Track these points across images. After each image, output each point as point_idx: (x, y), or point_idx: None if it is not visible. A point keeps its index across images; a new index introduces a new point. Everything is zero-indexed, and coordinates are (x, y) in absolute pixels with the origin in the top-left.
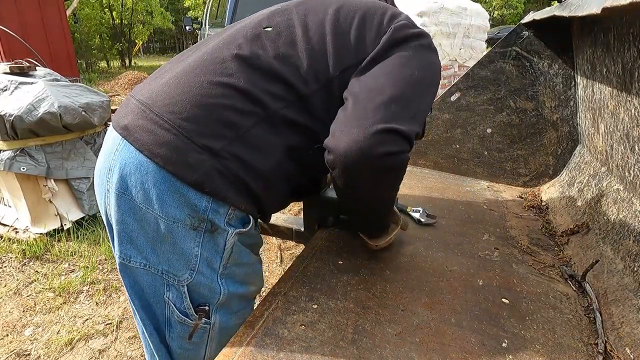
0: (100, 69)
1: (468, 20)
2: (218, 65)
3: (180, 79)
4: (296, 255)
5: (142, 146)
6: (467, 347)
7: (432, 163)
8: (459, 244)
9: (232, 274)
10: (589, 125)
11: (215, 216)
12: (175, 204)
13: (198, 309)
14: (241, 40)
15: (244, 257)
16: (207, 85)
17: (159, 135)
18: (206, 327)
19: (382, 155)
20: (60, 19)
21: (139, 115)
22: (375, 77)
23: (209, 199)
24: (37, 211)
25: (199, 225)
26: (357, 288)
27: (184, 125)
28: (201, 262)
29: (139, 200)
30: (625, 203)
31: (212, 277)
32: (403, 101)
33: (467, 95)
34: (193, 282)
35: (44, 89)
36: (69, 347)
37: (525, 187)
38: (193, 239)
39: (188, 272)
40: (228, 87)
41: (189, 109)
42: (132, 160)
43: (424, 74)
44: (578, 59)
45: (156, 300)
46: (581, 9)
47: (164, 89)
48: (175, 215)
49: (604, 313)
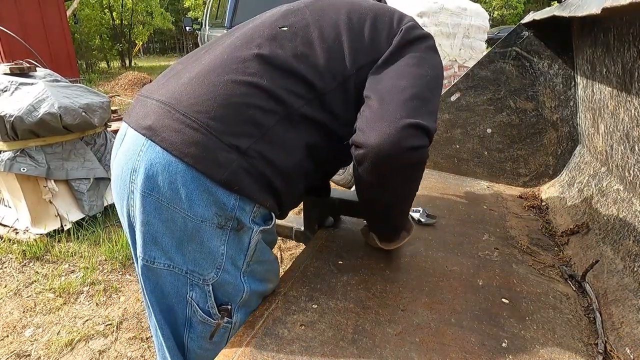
0: (100, 69)
1: (468, 21)
2: (240, 65)
3: (203, 78)
4: (296, 255)
5: (171, 146)
6: (467, 347)
7: (432, 163)
8: (459, 244)
9: (254, 271)
10: (589, 125)
11: (242, 214)
12: (204, 202)
13: (221, 308)
14: (259, 40)
15: (265, 255)
16: (231, 85)
17: (187, 135)
18: (227, 326)
19: (409, 149)
20: (60, 19)
21: (163, 115)
22: (394, 77)
23: (237, 197)
24: (37, 212)
25: (226, 223)
26: (357, 288)
27: (212, 124)
28: (226, 261)
29: (166, 200)
30: (625, 203)
31: (236, 275)
32: (422, 99)
33: (467, 95)
34: (218, 280)
35: (44, 89)
36: (69, 348)
37: (525, 187)
38: (219, 237)
39: (214, 270)
40: (252, 86)
41: (216, 108)
42: (159, 160)
43: (435, 73)
44: (578, 59)
45: (178, 300)
46: (581, 9)
47: (187, 89)
48: (203, 214)
49: (604, 313)
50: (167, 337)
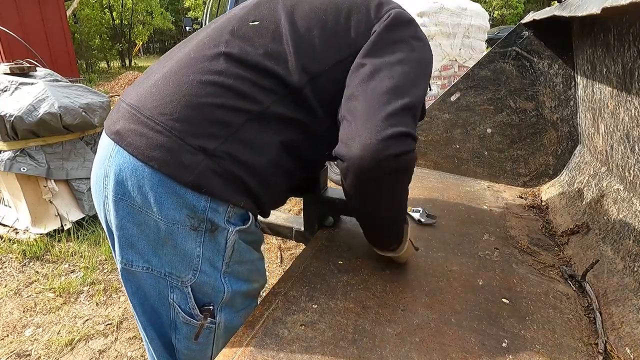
0: (100, 69)
1: (468, 21)
2: (206, 64)
3: (169, 79)
4: (296, 255)
5: (136, 150)
6: (467, 347)
7: (432, 163)
8: (459, 244)
9: (235, 271)
10: (589, 125)
11: (214, 215)
12: (174, 205)
13: (203, 308)
14: (227, 36)
15: (246, 255)
16: (196, 85)
17: (151, 139)
18: (212, 326)
19: (393, 157)
20: (60, 19)
21: (130, 119)
22: (375, 78)
23: (207, 198)
24: (38, 212)
25: (199, 225)
26: (357, 288)
27: (176, 126)
28: (203, 262)
29: (137, 205)
30: (625, 203)
31: (216, 276)
32: (405, 102)
33: (467, 95)
34: (197, 282)
35: (44, 89)
36: (69, 348)
37: (525, 187)
38: (194, 239)
39: (191, 272)
40: (218, 86)
41: (180, 109)
42: (127, 165)
43: (419, 70)
44: (578, 59)
45: (161, 302)
46: (581, 9)
47: (152, 91)
48: (174, 217)
49: (604, 313)
50: (152, 338)
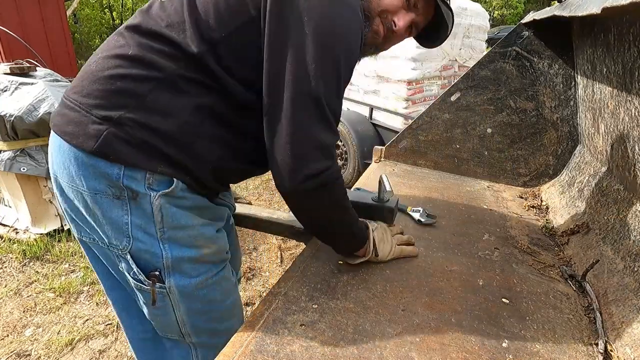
0: None
1: (468, 20)
2: (112, 41)
3: (88, 63)
4: (296, 255)
5: (57, 129)
6: (467, 347)
7: (432, 163)
8: (459, 244)
9: (174, 237)
10: (589, 125)
11: (132, 182)
12: (93, 176)
13: (150, 274)
14: (138, 14)
15: (182, 220)
16: (102, 60)
17: (66, 116)
18: (163, 291)
19: (309, 178)
20: (60, 19)
21: (59, 105)
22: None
23: (120, 166)
24: (38, 212)
25: (120, 193)
26: (357, 288)
27: (85, 101)
28: (134, 229)
29: (66, 180)
30: (625, 203)
31: (151, 242)
32: (315, 102)
33: (467, 95)
34: (133, 249)
35: (44, 89)
36: (69, 348)
37: (525, 187)
38: (120, 207)
39: (125, 240)
40: (119, 58)
41: (88, 85)
42: (54, 146)
43: (334, 43)
44: (578, 59)
45: (116, 272)
46: (581, 9)
47: (77, 77)
48: (95, 187)
49: (604, 313)
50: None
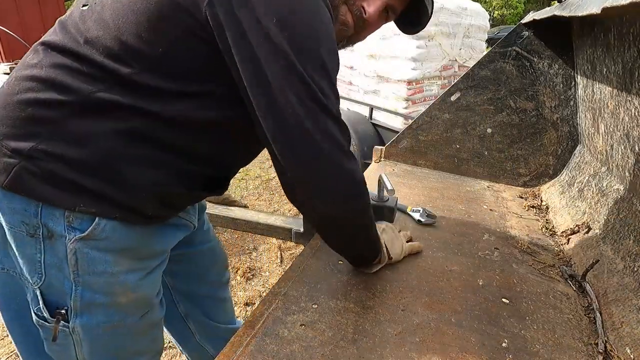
0: None
1: (468, 20)
2: (27, 58)
3: (3, 82)
4: (296, 255)
5: None
6: (467, 347)
7: (432, 163)
8: (459, 244)
9: (89, 282)
10: (589, 125)
11: (49, 220)
12: (7, 210)
13: (55, 312)
14: (56, 25)
15: (100, 266)
16: (13, 82)
17: None
18: (66, 330)
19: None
20: None
21: None
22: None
23: (38, 203)
24: None
25: (35, 232)
26: (357, 288)
27: None
28: (47, 268)
29: None
30: (625, 203)
31: (63, 282)
32: (301, 79)
33: (467, 95)
34: (44, 285)
35: None
36: None
37: (525, 187)
38: (33, 245)
39: (37, 276)
40: (31, 80)
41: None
42: None
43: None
44: (578, 58)
45: (23, 302)
46: (581, 9)
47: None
48: (10, 221)
49: (604, 313)
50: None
